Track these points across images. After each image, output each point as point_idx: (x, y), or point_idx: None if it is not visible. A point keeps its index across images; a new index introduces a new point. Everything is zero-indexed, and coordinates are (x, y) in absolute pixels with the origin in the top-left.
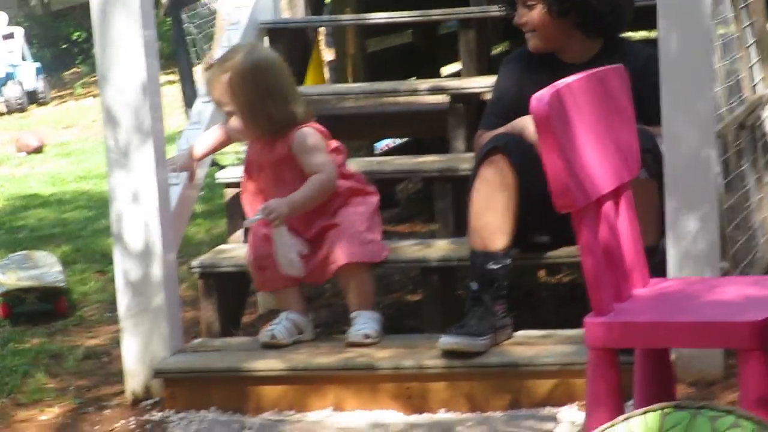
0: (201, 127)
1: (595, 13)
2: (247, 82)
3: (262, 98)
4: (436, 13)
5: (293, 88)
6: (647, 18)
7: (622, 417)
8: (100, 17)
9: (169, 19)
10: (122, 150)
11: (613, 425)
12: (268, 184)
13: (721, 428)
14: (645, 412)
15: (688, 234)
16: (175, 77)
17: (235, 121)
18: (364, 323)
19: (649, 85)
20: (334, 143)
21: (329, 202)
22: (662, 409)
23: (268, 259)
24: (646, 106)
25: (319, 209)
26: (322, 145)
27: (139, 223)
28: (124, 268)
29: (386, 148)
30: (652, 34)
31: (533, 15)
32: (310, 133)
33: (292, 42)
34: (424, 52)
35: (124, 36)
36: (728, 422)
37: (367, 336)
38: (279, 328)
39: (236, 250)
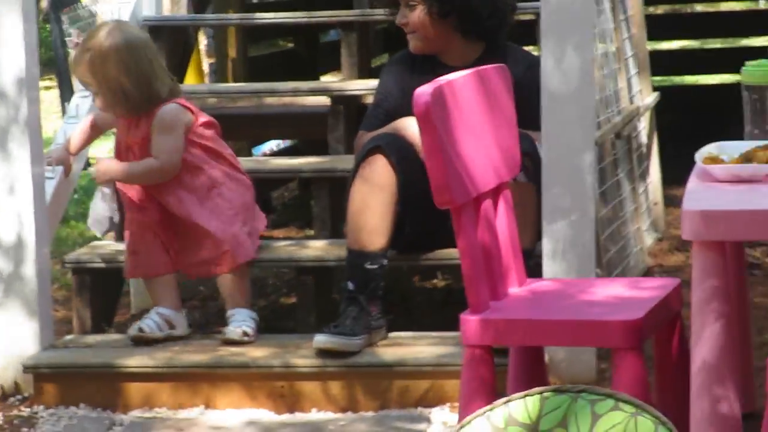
0: (78, 121)
1: (475, 16)
2: (106, 61)
3: (121, 76)
4: (319, 15)
5: (156, 66)
6: (532, 32)
7: (502, 400)
8: None
9: (48, 24)
10: None
11: (492, 408)
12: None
13: (601, 411)
14: (525, 396)
15: (563, 238)
16: (52, 83)
17: (100, 102)
18: (241, 320)
19: (530, 91)
20: (204, 117)
21: (197, 186)
22: (542, 393)
23: (141, 245)
24: (527, 111)
25: (188, 194)
26: (178, 128)
27: (12, 215)
28: None
29: (268, 152)
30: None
31: (414, 16)
32: (170, 111)
33: (173, 40)
34: (305, 60)
35: (3, 26)
36: (608, 405)
37: (245, 333)
38: (148, 321)
39: (110, 246)
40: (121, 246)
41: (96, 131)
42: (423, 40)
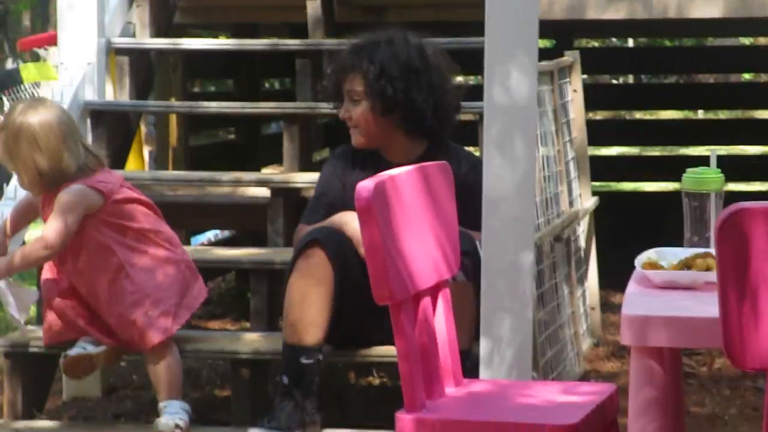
0: (15, 202)
1: (419, 114)
2: (18, 138)
3: (34, 153)
4: (263, 107)
5: (70, 142)
6: (474, 132)
7: None
8: None
9: None
10: None
11: None
12: None
13: None
14: None
15: (500, 339)
16: None
17: (20, 181)
18: (174, 412)
19: (471, 190)
20: (121, 194)
21: (107, 267)
22: None
23: (56, 311)
24: (468, 210)
25: (96, 275)
26: (73, 209)
27: None
28: None
29: (206, 242)
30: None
31: (358, 111)
32: (70, 192)
33: (115, 125)
34: (245, 151)
35: None
36: None
37: (177, 426)
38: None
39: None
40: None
41: (32, 212)
42: (366, 135)
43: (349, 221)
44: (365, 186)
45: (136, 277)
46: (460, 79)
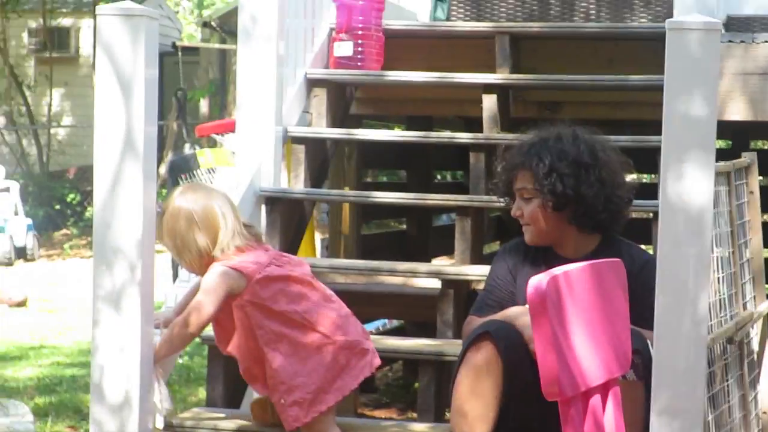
0: (189, 285)
1: (591, 209)
2: (175, 219)
3: (188, 233)
4: (437, 198)
5: (225, 220)
6: (648, 230)
7: None
8: (105, 173)
9: (165, 191)
10: (112, 299)
11: None
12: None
13: None
14: None
15: None
16: (164, 248)
17: (185, 265)
18: None
19: (643, 289)
20: (264, 273)
21: (252, 347)
22: None
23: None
24: (639, 309)
25: (244, 354)
26: (212, 291)
27: (120, 374)
28: (99, 420)
29: (374, 331)
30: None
31: (529, 209)
32: (211, 273)
33: (289, 212)
34: (416, 241)
35: (123, 188)
36: None
37: None
38: None
39: (213, 413)
40: (224, 413)
41: None
42: (538, 232)
43: (520, 315)
44: (538, 280)
45: (274, 362)
46: (633, 176)
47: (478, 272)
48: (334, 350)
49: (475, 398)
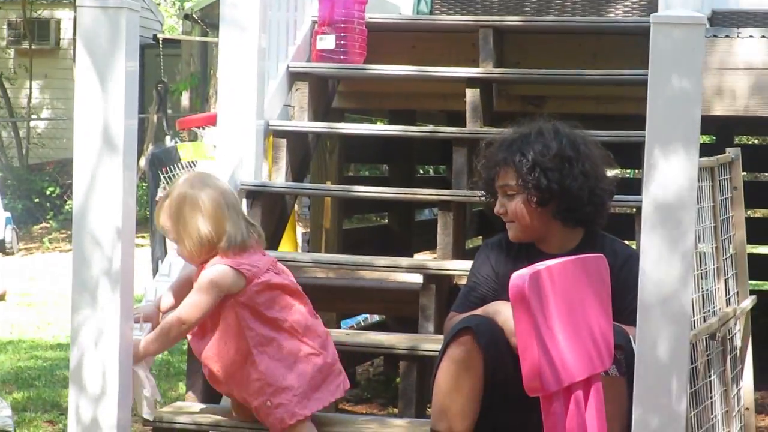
0: (170, 279)
1: (575, 203)
2: (179, 204)
3: (192, 219)
4: (420, 192)
5: (230, 212)
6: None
7: None
8: (85, 165)
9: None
10: (90, 288)
11: None
12: None
13: None
14: None
15: None
16: (145, 241)
17: (180, 250)
18: None
19: (626, 285)
20: (262, 278)
21: (234, 352)
22: None
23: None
24: (622, 304)
25: (224, 358)
26: (212, 288)
27: (97, 367)
28: (78, 412)
29: (355, 326)
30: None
31: (513, 205)
32: (212, 270)
33: (270, 206)
34: (398, 236)
35: (103, 177)
36: None
37: None
38: None
39: (193, 407)
40: (202, 406)
41: (188, 291)
42: (523, 229)
43: (501, 311)
44: (520, 275)
45: (261, 364)
46: (616, 171)
47: (460, 267)
48: (319, 363)
49: (456, 393)
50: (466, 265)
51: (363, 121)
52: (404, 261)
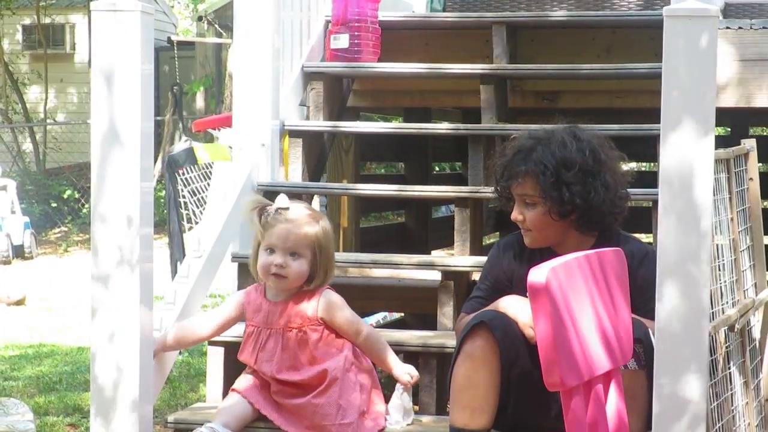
0: (188, 281)
1: (596, 215)
2: (319, 239)
3: (327, 252)
4: (436, 190)
5: (332, 260)
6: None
7: None
8: (102, 168)
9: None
10: (107, 284)
11: None
12: (271, 346)
13: None
14: None
15: (672, 428)
16: (162, 242)
17: (290, 272)
18: None
19: (644, 280)
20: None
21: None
22: None
23: None
24: (639, 299)
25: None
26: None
27: (117, 370)
28: (98, 416)
29: (374, 324)
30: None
31: (532, 215)
32: (332, 293)
33: None
34: (415, 233)
35: (119, 182)
36: None
37: None
38: None
39: (212, 409)
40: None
41: (190, 337)
42: (540, 237)
43: (511, 304)
44: (539, 270)
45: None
46: (632, 165)
47: (478, 263)
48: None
49: (474, 388)
50: (484, 261)
51: (378, 119)
52: (422, 258)
